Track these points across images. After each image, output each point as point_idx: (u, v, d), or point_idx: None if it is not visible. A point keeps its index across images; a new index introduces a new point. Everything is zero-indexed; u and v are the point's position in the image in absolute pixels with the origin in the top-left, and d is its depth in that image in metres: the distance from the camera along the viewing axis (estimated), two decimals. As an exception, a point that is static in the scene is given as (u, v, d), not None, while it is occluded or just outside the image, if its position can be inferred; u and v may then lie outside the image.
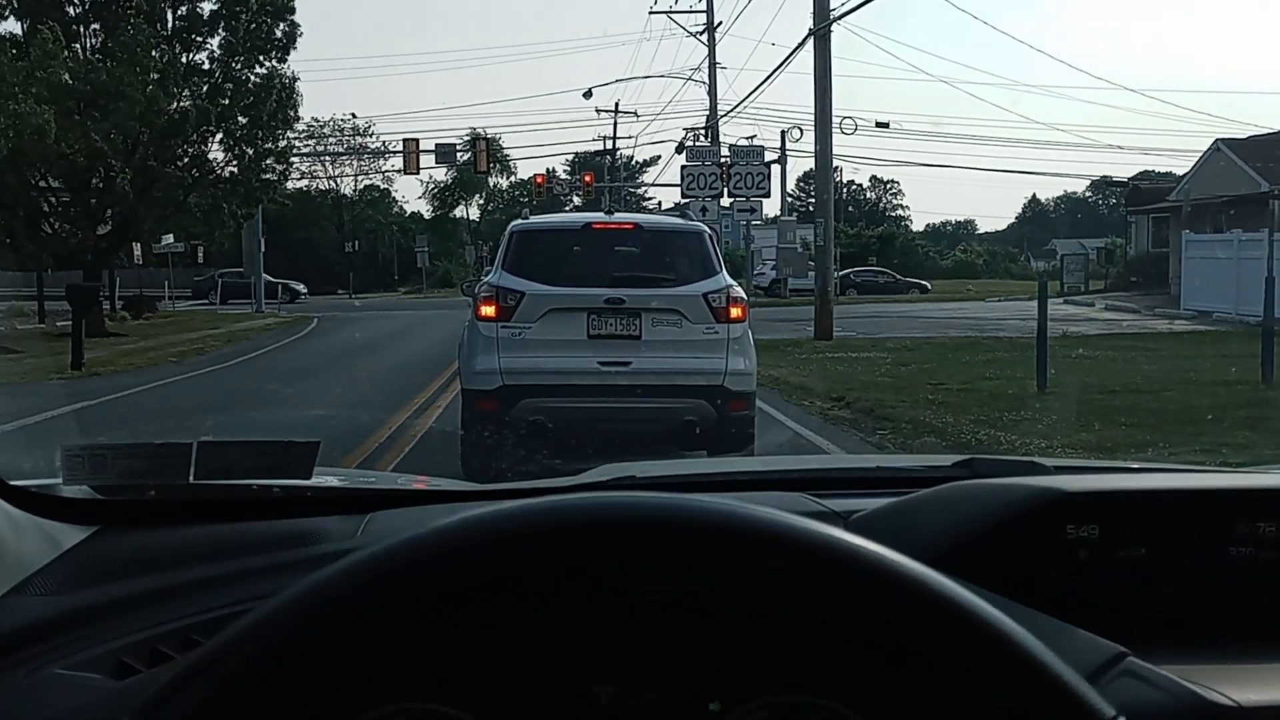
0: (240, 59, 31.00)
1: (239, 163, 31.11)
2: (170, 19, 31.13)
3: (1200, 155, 37.57)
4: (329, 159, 72.85)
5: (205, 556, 1.48)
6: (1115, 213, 76.54)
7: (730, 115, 44.50)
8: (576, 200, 61.19)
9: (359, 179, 78.46)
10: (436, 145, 47.43)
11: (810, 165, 37.99)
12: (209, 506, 1.61)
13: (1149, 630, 1.31)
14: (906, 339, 23.15)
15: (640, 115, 73.45)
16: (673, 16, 47.21)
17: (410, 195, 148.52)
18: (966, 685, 0.96)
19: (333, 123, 71.10)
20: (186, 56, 31.08)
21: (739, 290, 9.11)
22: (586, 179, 48.52)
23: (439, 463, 9.21)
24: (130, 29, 27.88)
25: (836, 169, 33.48)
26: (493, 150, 56.44)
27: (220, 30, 31.13)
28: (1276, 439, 10.35)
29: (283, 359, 22.33)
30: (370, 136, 72.06)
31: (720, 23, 46.67)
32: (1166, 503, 1.48)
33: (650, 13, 49.29)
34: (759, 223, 36.57)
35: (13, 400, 14.05)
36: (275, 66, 31.08)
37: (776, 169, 37.23)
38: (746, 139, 40.19)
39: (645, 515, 0.97)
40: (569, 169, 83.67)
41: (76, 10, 30.30)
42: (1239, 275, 27.12)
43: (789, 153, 45.70)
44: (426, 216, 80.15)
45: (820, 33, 24.56)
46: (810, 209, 51.35)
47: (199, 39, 31.26)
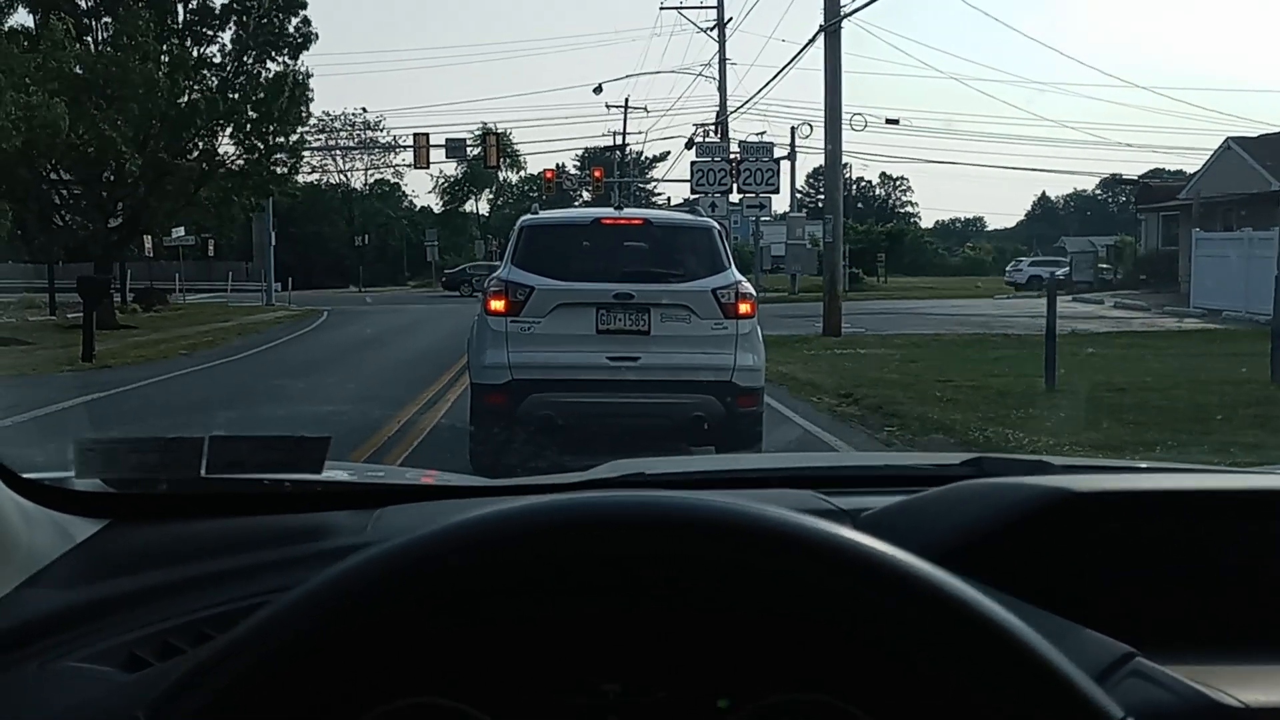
0: (252, 53, 31.03)
1: (249, 156, 31.16)
2: (181, 13, 31.18)
3: (1211, 153, 37.51)
4: (339, 153, 73.01)
5: (216, 550, 1.48)
6: (1125, 211, 76.32)
7: (740, 111, 44.59)
8: (586, 195, 61.27)
9: (369, 173, 78.65)
10: (447, 140, 47.52)
11: (820, 161, 38.04)
12: (220, 501, 1.62)
13: (1157, 630, 1.31)
14: (915, 336, 23.12)
15: (650, 111, 73.86)
16: (683, 12, 47.18)
17: (420, 190, 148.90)
18: (974, 685, 0.96)
19: (344, 117, 71.32)
20: (197, 50, 31.12)
21: (748, 286, 9.11)
22: (596, 174, 48.61)
23: (447, 458, 9.22)
24: (140, 23, 27.93)
25: (846, 165, 33.48)
26: (503, 145, 56.42)
27: (231, 25, 31.18)
28: (1286, 439, 10.32)
29: (292, 353, 22.38)
30: (381, 131, 72.28)
31: (731, 18, 46.73)
32: (1175, 503, 1.48)
33: (661, 8, 49.27)
34: (768, 219, 36.53)
35: (24, 392, 14.11)
36: (288, 63, 31.11)
37: (786, 165, 37.30)
38: (756, 135, 40.10)
39: (656, 514, 0.98)
40: (579, 164, 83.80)
41: (88, 3, 30.39)
42: (1249, 274, 27.04)
43: (799, 149, 45.72)
44: (436, 211, 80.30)
45: (831, 29, 24.53)
46: (819, 205, 51.27)
47: (209, 32, 31.31)
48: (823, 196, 31.68)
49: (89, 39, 29.62)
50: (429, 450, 9.78)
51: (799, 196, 60.19)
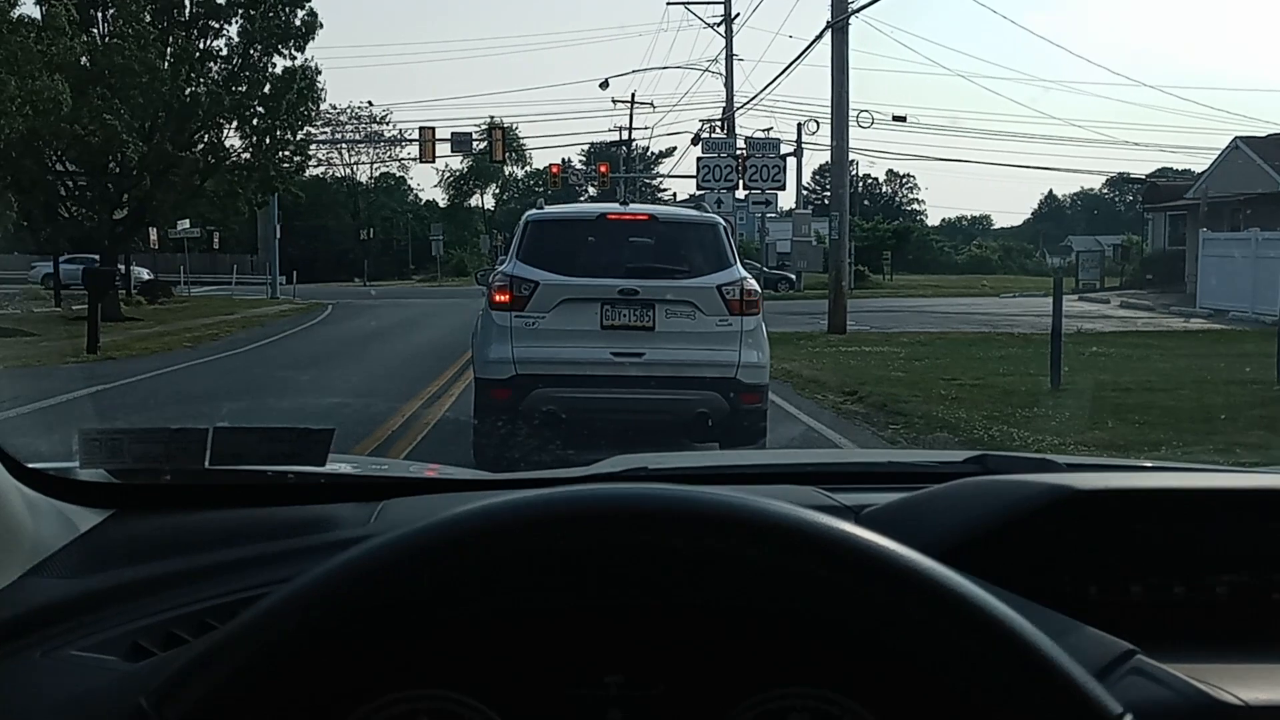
0: (258, 47, 31.03)
1: (255, 149, 31.17)
2: (188, 5, 31.18)
3: (1219, 153, 37.41)
4: (345, 146, 73.02)
5: (220, 541, 1.49)
6: (1132, 210, 76.27)
7: (747, 107, 44.50)
8: (591, 191, 61.18)
9: (375, 167, 78.65)
10: (452, 134, 47.48)
11: (826, 158, 37.94)
12: (224, 492, 1.63)
13: (1159, 628, 1.31)
14: (920, 334, 23.11)
15: (656, 106, 73.59)
16: (690, 8, 47.14)
17: (426, 184, 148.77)
18: (975, 681, 0.96)
19: (349, 110, 71.30)
20: (203, 42, 31.13)
21: (753, 282, 9.10)
22: (602, 169, 48.47)
23: (451, 451, 9.24)
24: (134, 7, 27.91)
25: (852, 162, 33.41)
26: (508, 139, 56.46)
27: (238, 18, 31.17)
28: (1291, 439, 10.31)
29: (296, 345, 22.40)
30: (386, 124, 72.25)
31: (738, 14, 46.66)
32: (1179, 502, 1.48)
33: (668, 3, 49.09)
34: (774, 215, 36.45)
35: (29, 383, 14.12)
36: (295, 56, 31.11)
37: (792, 162, 37.22)
38: (763, 131, 40.03)
39: (659, 507, 0.98)
40: (584, 159, 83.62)
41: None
42: (1256, 274, 27.01)
43: (805, 145, 45.59)
44: (442, 205, 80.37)
45: (838, 25, 24.50)
46: (825, 202, 51.22)
47: (215, 25, 31.30)
48: (829, 193, 31.66)
49: (94, 30, 29.62)
50: (433, 444, 9.79)
51: (805, 193, 60.23)
